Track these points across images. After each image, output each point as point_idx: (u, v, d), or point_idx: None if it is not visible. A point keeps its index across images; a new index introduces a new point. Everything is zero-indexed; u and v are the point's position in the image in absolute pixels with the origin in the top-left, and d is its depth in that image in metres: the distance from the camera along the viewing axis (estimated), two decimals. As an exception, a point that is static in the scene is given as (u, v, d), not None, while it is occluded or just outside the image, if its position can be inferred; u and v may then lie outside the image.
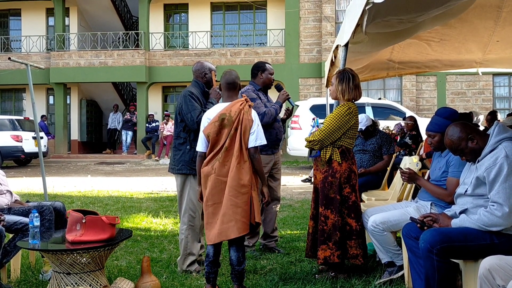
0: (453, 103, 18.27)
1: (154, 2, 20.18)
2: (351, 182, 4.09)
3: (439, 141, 3.80)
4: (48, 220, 4.30)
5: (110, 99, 21.77)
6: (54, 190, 10.13)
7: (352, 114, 4.03)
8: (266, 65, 5.10)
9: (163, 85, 20.76)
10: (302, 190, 10.28)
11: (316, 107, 13.96)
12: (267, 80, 5.05)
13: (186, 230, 4.39)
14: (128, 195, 9.67)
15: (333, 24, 18.45)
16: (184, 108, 4.32)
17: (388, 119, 14.14)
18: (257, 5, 20.14)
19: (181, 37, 20.71)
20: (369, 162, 6.15)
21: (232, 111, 3.71)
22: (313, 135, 4.13)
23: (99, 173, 14.69)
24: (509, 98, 18.80)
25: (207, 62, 4.62)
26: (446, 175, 3.77)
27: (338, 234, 3.97)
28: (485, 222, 3.03)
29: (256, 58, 18.25)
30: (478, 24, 5.33)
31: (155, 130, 18.96)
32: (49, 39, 21.22)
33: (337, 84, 4.10)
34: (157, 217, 7.13)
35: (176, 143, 4.46)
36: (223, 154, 3.69)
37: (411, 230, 3.45)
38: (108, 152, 20.46)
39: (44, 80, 19.67)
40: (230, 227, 3.61)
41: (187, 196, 4.38)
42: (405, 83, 18.35)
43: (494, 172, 3.02)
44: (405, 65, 7.14)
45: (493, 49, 6.37)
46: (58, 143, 20.02)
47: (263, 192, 3.84)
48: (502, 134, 3.13)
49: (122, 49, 19.80)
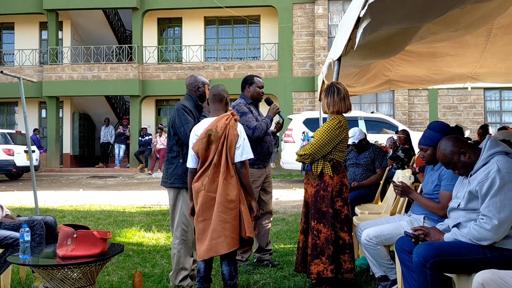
0: (444, 117, 18.40)
1: (148, 16, 20.26)
2: (343, 195, 4.09)
3: (432, 155, 3.81)
4: (39, 234, 4.25)
5: (103, 113, 21.73)
6: (45, 204, 10.05)
7: (342, 128, 4.03)
8: (254, 78, 5.07)
9: (156, 98, 20.76)
10: (295, 203, 10.25)
11: (309, 120, 14.00)
12: (255, 94, 5.03)
13: (179, 244, 4.35)
14: (120, 209, 9.61)
15: (326, 39, 18.59)
16: (177, 121, 4.31)
17: (381, 133, 14.21)
18: (250, 19, 20.27)
19: (174, 50, 20.76)
20: (362, 175, 6.15)
21: (218, 127, 3.71)
22: (303, 149, 4.12)
23: (91, 187, 14.61)
24: (500, 112, 18.94)
25: (200, 76, 4.62)
26: (438, 189, 3.78)
27: (331, 248, 3.95)
28: (475, 236, 3.03)
29: (249, 71, 18.33)
30: (470, 40, 5.37)
31: (148, 144, 18.92)
32: (42, 53, 21.21)
33: (324, 97, 4.14)
34: (149, 231, 7.08)
35: (169, 157, 4.44)
36: (212, 170, 3.69)
37: (405, 244, 3.44)
38: (100, 166, 20.36)
39: (37, 93, 19.62)
40: (219, 242, 3.61)
41: (180, 210, 4.36)
42: (398, 97, 18.47)
43: (486, 186, 3.02)
44: (398, 80, 7.20)
45: (485, 64, 6.44)
46: (50, 156, 19.92)
47: (252, 206, 3.83)
48: (494, 148, 3.15)
49: (116, 63, 19.81)
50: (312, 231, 4.04)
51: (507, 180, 2.97)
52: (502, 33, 5.26)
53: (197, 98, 4.53)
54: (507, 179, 2.97)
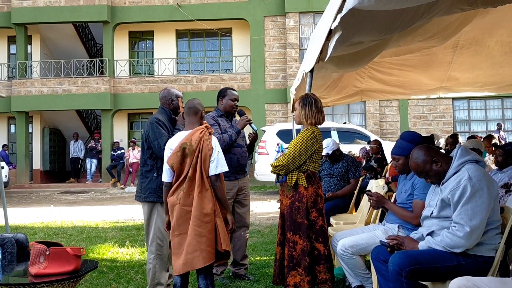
0: (415, 126, 18.72)
1: (119, 30, 20.14)
2: (317, 206, 4.08)
3: (404, 164, 3.86)
4: (9, 253, 4.15)
5: (74, 127, 21.41)
6: (15, 222, 9.82)
7: (316, 138, 4.04)
8: (227, 91, 5.08)
9: (128, 112, 20.59)
10: (270, 215, 10.25)
11: (283, 132, 14.07)
12: (227, 106, 5.03)
13: (154, 259, 4.30)
14: (93, 224, 9.45)
15: (298, 51, 18.76)
16: (151, 135, 4.28)
17: (354, 143, 14.37)
18: (222, 32, 20.34)
19: (146, 64, 20.67)
20: (337, 186, 6.20)
21: (192, 140, 3.71)
22: (278, 160, 4.11)
23: (62, 202, 14.35)
24: (468, 121, 19.36)
25: (173, 89, 4.61)
26: (412, 198, 3.83)
27: (307, 259, 3.95)
28: (447, 243, 3.08)
29: (222, 84, 18.35)
30: (437, 51, 5.50)
31: (121, 158, 18.71)
32: (10, 67, 20.85)
33: (300, 109, 4.10)
34: (123, 246, 6.98)
35: (143, 171, 4.41)
36: (187, 184, 3.67)
37: (380, 253, 3.48)
38: (72, 181, 20.02)
39: (5, 108, 19.26)
40: (195, 257, 3.59)
41: (155, 224, 4.31)
42: (369, 107, 18.73)
43: (457, 194, 3.08)
44: (370, 91, 7.31)
45: (452, 75, 6.59)
46: (19, 172, 19.50)
47: (227, 219, 3.82)
48: (465, 156, 3.22)
49: (86, 77, 19.60)
50: (288, 243, 4.02)
51: (478, 187, 3.04)
52: (468, 44, 5.40)
53: (171, 111, 4.52)
54: (478, 187, 3.04)
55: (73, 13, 19.36)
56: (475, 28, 4.87)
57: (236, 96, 5.11)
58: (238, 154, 4.98)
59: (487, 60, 5.93)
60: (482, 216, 3.01)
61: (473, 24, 4.65)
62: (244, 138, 5.15)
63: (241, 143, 5.04)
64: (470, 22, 4.55)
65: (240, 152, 5.01)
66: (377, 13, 2.85)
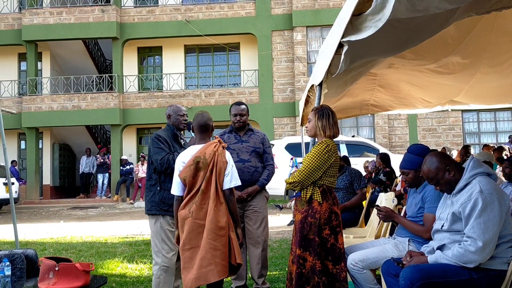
0: (424, 139, 18.63)
1: (128, 46, 20.32)
2: (331, 223, 3.83)
3: (414, 178, 3.83)
4: (19, 268, 4.15)
5: (83, 143, 21.53)
6: (25, 237, 9.85)
7: (331, 152, 3.84)
8: (232, 106, 5.09)
9: (137, 127, 20.69)
10: (279, 229, 10.20)
11: (291, 145, 14.06)
12: (233, 121, 5.05)
13: (159, 270, 4.30)
14: (102, 240, 9.45)
15: (305, 64, 18.82)
16: (151, 150, 4.43)
17: (363, 156, 14.32)
18: (230, 47, 20.46)
19: (155, 79, 20.80)
20: (343, 199, 6.19)
21: (206, 154, 3.72)
22: (292, 176, 3.92)
23: (72, 218, 14.38)
24: (478, 133, 19.25)
25: (175, 105, 4.69)
26: (422, 211, 3.79)
27: (315, 278, 3.73)
28: (459, 258, 3.03)
29: (230, 98, 18.44)
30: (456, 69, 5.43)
31: (130, 173, 18.77)
32: (21, 84, 21.07)
33: (317, 121, 3.93)
34: (132, 262, 6.97)
35: (148, 185, 4.50)
36: (200, 197, 3.67)
37: (391, 267, 3.44)
38: (81, 197, 20.08)
39: (16, 125, 19.41)
40: (209, 270, 3.56)
41: (160, 236, 4.34)
42: (377, 120, 18.69)
43: (469, 208, 3.04)
44: (379, 105, 7.28)
45: (470, 90, 6.50)
46: (29, 188, 19.60)
47: (237, 233, 3.80)
48: (477, 168, 3.19)
49: (96, 92, 19.74)
50: (298, 259, 3.80)
51: (489, 201, 3.00)
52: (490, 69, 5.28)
53: (174, 127, 4.57)
54: (489, 200, 3.00)
55: (82, 30, 19.58)
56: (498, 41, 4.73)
57: (238, 111, 5.03)
58: (239, 169, 4.67)
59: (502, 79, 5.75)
60: (495, 229, 2.97)
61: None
62: (250, 152, 4.99)
63: (244, 158, 4.92)
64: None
65: (242, 168, 4.83)
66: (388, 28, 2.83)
